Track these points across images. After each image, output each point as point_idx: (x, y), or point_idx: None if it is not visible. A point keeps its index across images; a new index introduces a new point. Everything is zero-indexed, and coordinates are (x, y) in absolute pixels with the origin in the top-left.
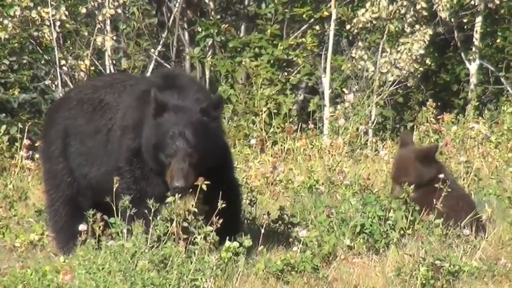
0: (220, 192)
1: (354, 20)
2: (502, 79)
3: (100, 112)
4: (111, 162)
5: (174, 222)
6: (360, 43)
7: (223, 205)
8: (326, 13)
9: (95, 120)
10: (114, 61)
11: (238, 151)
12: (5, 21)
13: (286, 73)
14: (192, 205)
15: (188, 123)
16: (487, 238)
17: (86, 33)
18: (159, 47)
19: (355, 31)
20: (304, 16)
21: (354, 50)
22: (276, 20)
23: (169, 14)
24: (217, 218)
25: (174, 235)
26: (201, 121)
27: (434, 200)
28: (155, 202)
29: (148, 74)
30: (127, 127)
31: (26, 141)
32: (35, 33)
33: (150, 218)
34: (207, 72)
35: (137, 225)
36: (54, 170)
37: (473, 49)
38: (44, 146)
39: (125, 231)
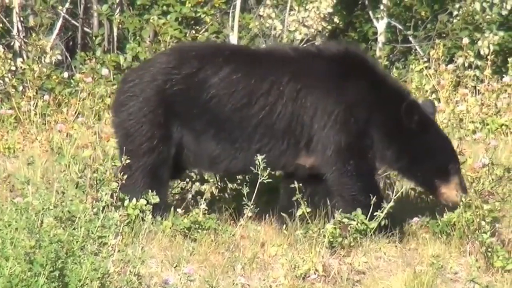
0: None
1: None
2: (410, 38)
3: (240, 86)
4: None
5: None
6: (268, 1)
7: None
8: None
9: (227, 94)
10: (21, 19)
11: None
12: None
13: (194, 31)
14: None
15: None
16: (395, 196)
17: None
18: (67, 4)
19: None
20: None
21: (262, 8)
22: None
23: None
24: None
25: None
26: None
27: None
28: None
29: (56, 32)
30: (347, 108)
31: None
32: None
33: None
34: (115, 30)
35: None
36: (140, 147)
37: (381, 7)
38: (129, 126)
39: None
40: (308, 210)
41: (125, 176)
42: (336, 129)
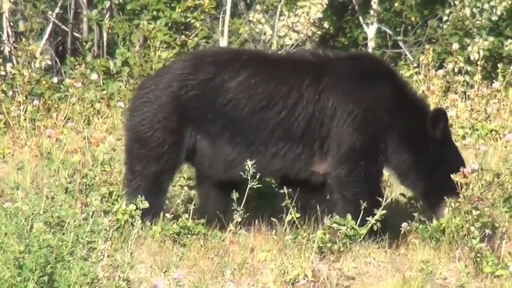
0: None
1: None
2: (400, 43)
3: (255, 88)
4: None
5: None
6: (258, 6)
7: None
8: None
9: (244, 98)
10: (11, 23)
11: None
12: None
13: (183, 36)
14: None
15: None
16: (385, 202)
17: None
18: (57, 10)
19: None
20: None
21: (252, 13)
22: None
23: None
24: None
25: None
26: None
27: None
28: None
29: (46, 37)
30: (364, 111)
31: None
32: None
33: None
34: (105, 35)
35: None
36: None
37: (371, 12)
38: (141, 130)
39: None
40: (298, 215)
41: (128, 179)
42: (353, 129)
